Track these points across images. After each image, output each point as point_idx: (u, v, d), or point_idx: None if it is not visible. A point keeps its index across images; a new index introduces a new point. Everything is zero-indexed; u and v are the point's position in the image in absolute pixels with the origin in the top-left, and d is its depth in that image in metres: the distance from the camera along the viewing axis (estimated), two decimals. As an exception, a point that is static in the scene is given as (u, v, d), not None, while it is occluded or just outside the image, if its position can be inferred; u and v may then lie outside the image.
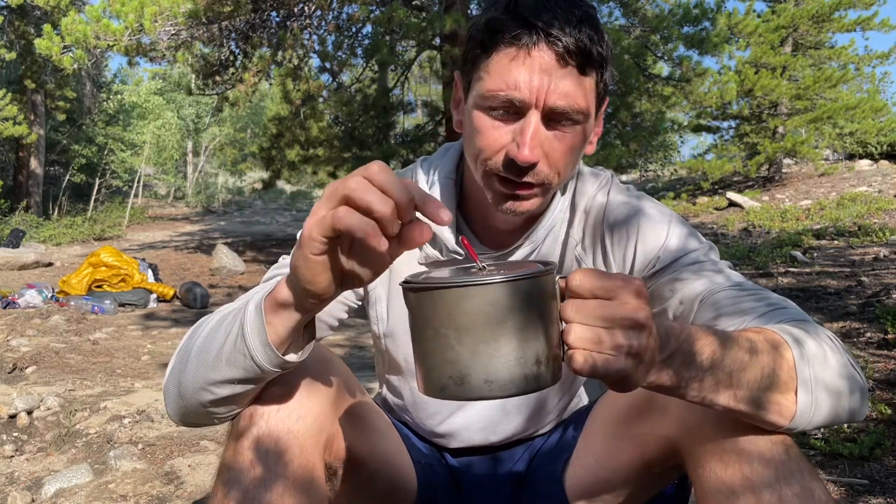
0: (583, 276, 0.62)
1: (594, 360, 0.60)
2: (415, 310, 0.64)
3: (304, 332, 0.77)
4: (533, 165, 0.87)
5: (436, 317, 0.61)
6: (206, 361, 0.78)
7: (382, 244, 0.61)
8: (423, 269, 1.05)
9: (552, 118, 0.86)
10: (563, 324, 0.62)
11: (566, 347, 0.62)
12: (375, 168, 0.61)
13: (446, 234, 1.01)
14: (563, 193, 1.04)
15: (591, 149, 0.98)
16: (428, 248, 1.03)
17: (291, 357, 0.75)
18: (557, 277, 0.64)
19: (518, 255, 1.03)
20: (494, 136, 0.88)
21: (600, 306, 0.61)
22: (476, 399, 0.62)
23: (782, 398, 0.73)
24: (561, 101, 0.84)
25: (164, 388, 0.87)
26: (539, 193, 0.91)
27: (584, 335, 0.61)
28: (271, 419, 0.82)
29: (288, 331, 0.73)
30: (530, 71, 0.84)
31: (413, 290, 0.63)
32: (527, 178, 0.88)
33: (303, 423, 0.83)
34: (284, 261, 1.02)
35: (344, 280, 0.68)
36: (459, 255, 1.02)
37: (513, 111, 0.87)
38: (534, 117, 0.85)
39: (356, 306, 1.09)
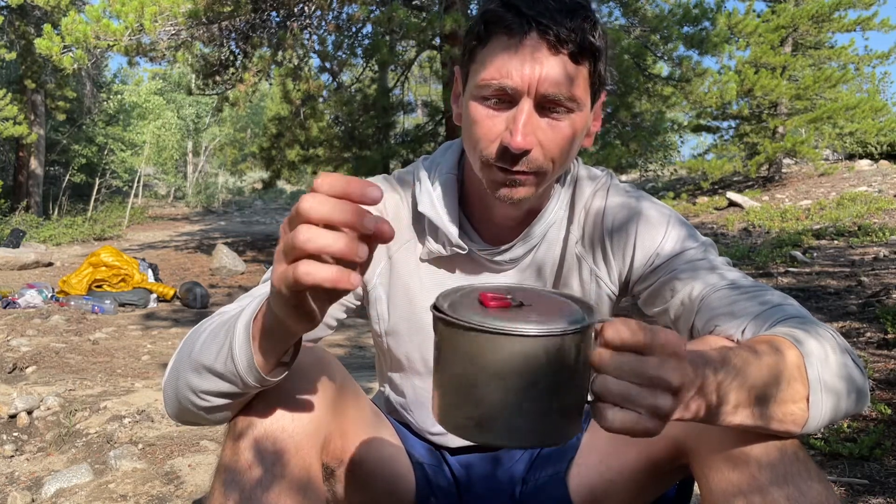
0: (622, 327, 0.59)
1: (623, 419, 0.59)
2: (444, 343, 0.61)
3: (291, 347, 0.77)
4: (526, 152, 0.88)
5: (467, 356, 0.58)
6: (199, 372, 0.79)
7: (354, 280, 0.59)
8: (425, 268, 1.06)
9: (545, 106, 0.87)
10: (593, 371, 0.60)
11: (591, 396, 0.60)
12: (307, 205, 0.59)
13: (450, 229, 1.01)
14: (561, 190, 1.05)
15: (588, 142, 0.99)
16: (430, 244, 1.03)
17: (275, 377, 0.77)
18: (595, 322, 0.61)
19: (516, 252, 1.04)
20: (489, 125, 0.89)
21: (637, 362, 0.58)
22: (491, 445, 0.58)
23: (795, 407, 0.74)
24: (552, 89, 0.85)
25: (164, 389, 0.88)
26: (534, 181, 0.92)
27: (615, 390, 0.58)
28: (267, 419, 0.82)
29: (275, 352, 0.74)
30: (522, 59, 0.85)
31: (447, 323, 0.60)
32: (520, 167, 0.89)
33: (298, 422, 0.84)
34: None
35: (330, 302, 0.67)
36: (462, 249, 1.02)
37: (506, 99, 0.88)
38: (526, 105, 0.86)
39: (355, 307, 1.09)
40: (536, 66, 0.85)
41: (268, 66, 8.85)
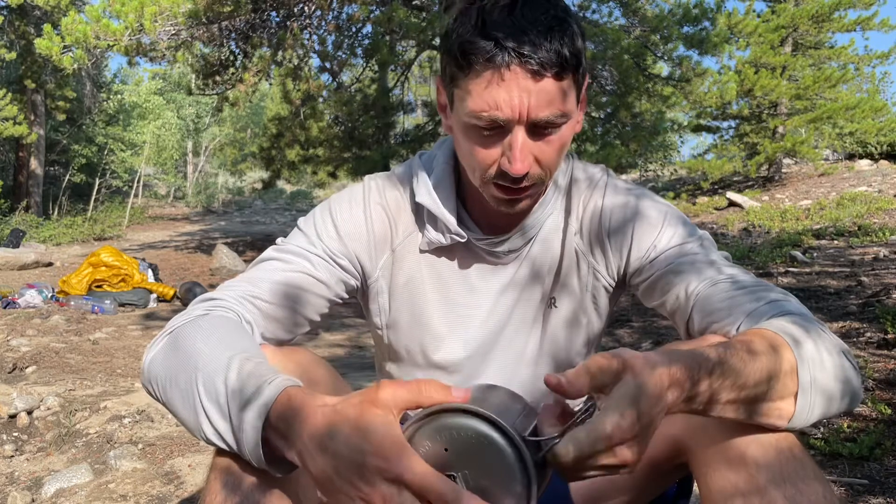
0: (567, 450, 0.65)
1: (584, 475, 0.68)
2: None
3: None
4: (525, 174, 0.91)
5: None
6: (196, 413, 0.78)
7: None
8: (425, 259, 1.06)
9: (537, 128, 0.88)
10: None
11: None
12: (420, 483, 0.62)
13: (447, 216, 1.02)
14: (557, 186, 1.06)
15: (578, 127, 1.00)
16: (430, 233, 1.04)
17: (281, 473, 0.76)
18: (542, 453, 0.68)
19: (514, 243, 1.05)
20: (485, 152, 0.91)
21: (595, 465, 0.66)
22: None
23: (782, 403, 0.75)
24: (543, 113, 0.86)
25: (149, 371, 0.85)
26: (534, 192, 0.95)
27: (577, 470, 0.67)
28: None
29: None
30: (508, 90, 0.85)
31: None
32: (521, 184, 0.92)
33: None
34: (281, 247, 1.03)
35: None
36: (461, 237, 1.03)
37: (498, 128, 0.89)
38: (520, 133, 0.88)
39: (340, 301, 1.07)
40: (524, 95, 0.85)
41: (268, 66, 8.85)
